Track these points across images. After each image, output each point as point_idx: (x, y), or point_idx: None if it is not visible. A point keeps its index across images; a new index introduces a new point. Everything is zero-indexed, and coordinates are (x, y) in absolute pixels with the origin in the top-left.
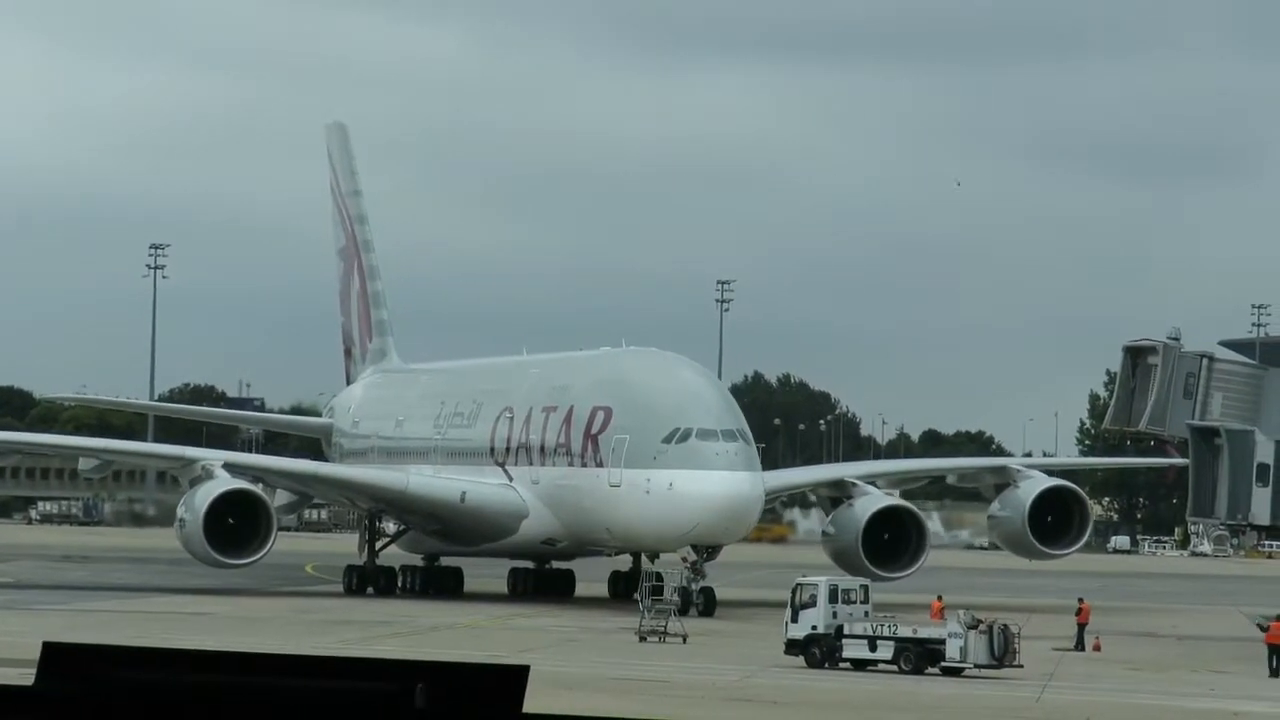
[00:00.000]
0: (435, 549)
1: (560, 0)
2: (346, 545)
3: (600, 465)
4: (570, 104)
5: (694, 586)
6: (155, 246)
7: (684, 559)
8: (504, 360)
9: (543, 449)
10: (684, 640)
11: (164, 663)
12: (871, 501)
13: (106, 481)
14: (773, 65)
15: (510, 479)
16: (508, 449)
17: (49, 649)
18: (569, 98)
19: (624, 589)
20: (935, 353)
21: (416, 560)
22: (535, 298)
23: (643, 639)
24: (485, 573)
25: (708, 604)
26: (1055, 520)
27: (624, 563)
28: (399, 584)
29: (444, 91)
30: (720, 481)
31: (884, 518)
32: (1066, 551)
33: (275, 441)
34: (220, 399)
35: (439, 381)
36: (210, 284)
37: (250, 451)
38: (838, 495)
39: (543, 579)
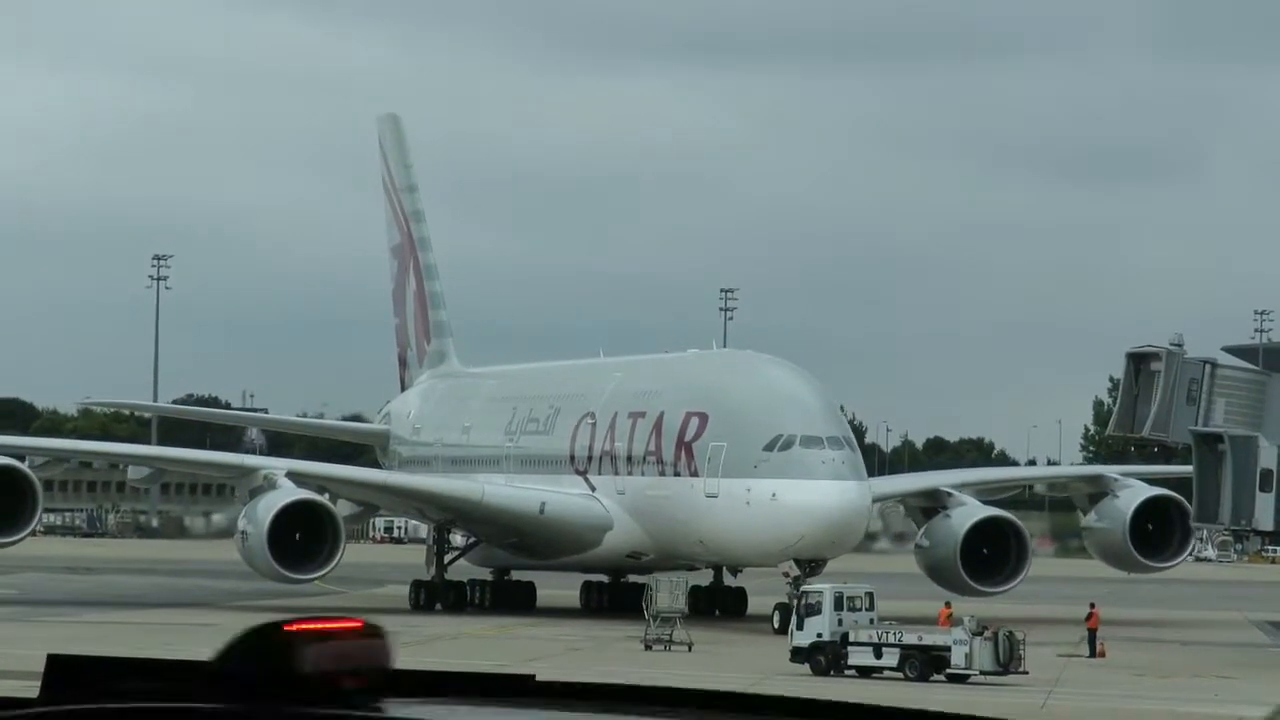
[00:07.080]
0: (506, 562)
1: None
2: (357, 555)
3: (694, 474)
4: (504, 109)
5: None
6: (158, 257)
7: (785, 574)
8: (581, 363)
9: (629, 457)
10: (689, 648)
11: (169, 674)
12: (970, 512)
13: (110, 492)
14: (735, 71)
15: (593, 489)
16: (589, 457)
17: (53, 661)
18: (499, 102)
19: (705, 605)
20: (936, 360)
21: (485, 574)
22: (512, 307)
23: (648, 647)
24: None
25: None
26: (1156, 531)
27: (704, 577)
28: (468, 599)
29: (379, 99)
30: (828, 492)
31: (982, 529)
32: (1169, 564)
33: (280, 448)
34: (225, 409)
35: (508, 386)
36: (208, 294)
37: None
38: (931, 505)
39: (618, 593)
